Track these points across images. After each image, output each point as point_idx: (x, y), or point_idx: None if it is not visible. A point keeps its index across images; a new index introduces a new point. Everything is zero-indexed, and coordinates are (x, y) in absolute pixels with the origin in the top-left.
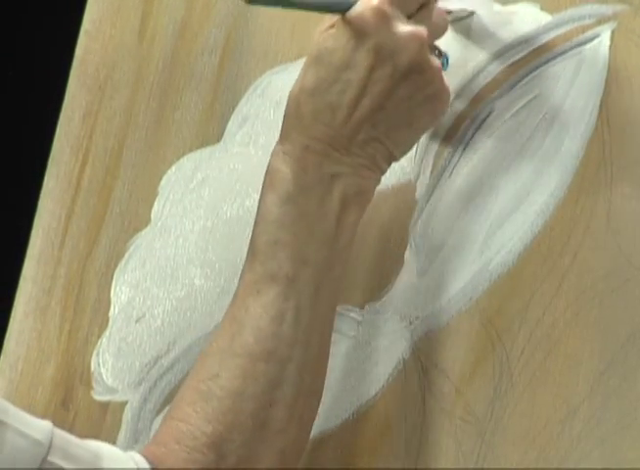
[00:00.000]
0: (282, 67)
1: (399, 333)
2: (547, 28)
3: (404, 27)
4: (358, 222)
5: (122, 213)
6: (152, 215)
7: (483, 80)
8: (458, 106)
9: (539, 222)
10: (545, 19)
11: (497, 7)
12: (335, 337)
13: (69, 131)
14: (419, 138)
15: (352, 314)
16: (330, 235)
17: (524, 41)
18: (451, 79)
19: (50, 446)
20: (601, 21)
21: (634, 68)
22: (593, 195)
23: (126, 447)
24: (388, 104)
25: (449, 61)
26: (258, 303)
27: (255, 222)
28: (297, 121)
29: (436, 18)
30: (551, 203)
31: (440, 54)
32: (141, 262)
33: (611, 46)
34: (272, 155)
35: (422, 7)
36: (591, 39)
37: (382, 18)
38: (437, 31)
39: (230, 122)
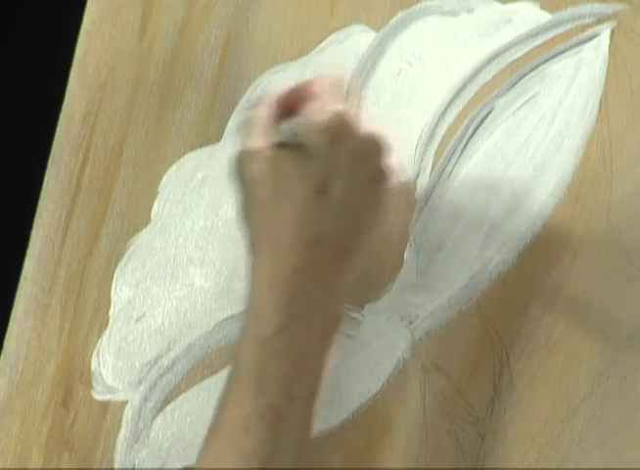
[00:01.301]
0: (282, 66)
1: (399, 333)
2: (547, 27)
3: (366, 130)
4: (333, 350)
5: (122, 213)
6: (152, 215)
7: (483, 79)
8: (458, 105)
9: (539, 222)
10: (545, 18)
11: (497, 6)
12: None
13: (70, 131)
14: (364, 246)
15: (353, 314)
16: (314, 369)
17: (523, 40)
18: (452, 81)
19: None
20: (601, 20)
21: (634, 67)
22: (593, 195)
23: (127, 447)
24: (356, 200)
25: None
26: (247, 442)
27: (239, 358)
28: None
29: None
30: (551, 202)
31: None
32: (141, 262)
33: (610, 45)
34: (253, 298)
35: None
36: (591, 38)
37: (346, 123)
38: None
39: (230, 122)
